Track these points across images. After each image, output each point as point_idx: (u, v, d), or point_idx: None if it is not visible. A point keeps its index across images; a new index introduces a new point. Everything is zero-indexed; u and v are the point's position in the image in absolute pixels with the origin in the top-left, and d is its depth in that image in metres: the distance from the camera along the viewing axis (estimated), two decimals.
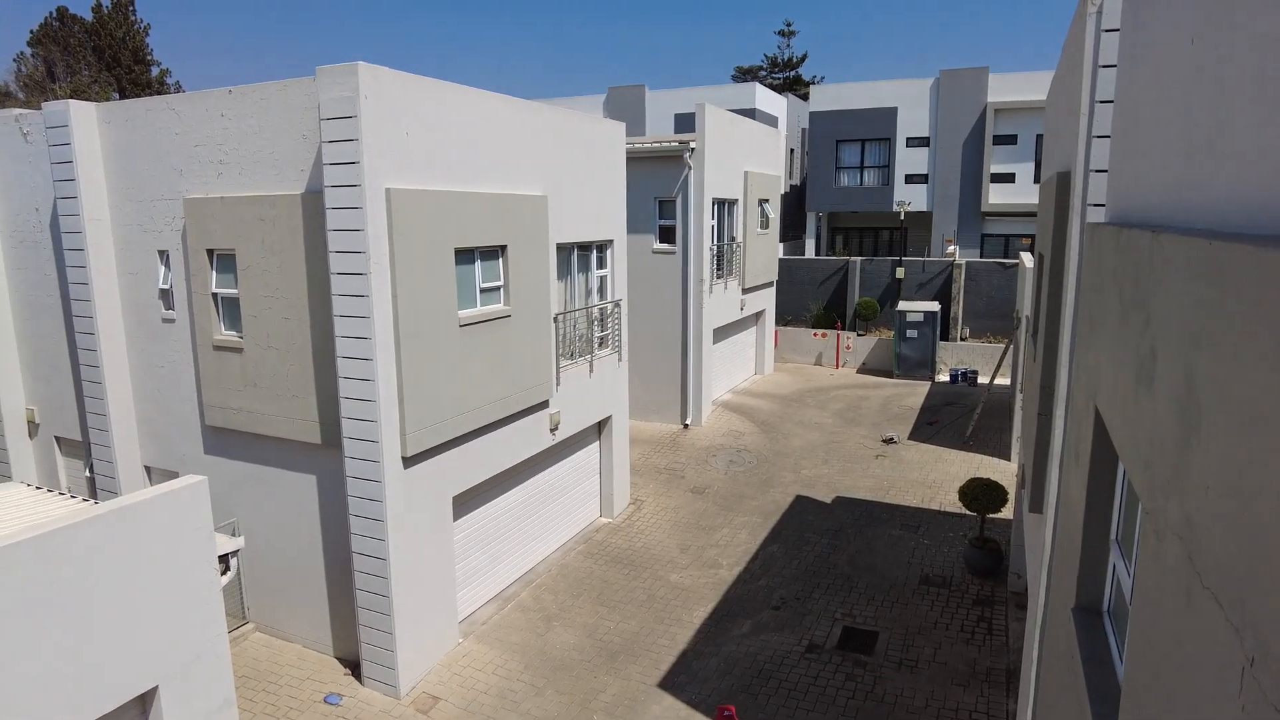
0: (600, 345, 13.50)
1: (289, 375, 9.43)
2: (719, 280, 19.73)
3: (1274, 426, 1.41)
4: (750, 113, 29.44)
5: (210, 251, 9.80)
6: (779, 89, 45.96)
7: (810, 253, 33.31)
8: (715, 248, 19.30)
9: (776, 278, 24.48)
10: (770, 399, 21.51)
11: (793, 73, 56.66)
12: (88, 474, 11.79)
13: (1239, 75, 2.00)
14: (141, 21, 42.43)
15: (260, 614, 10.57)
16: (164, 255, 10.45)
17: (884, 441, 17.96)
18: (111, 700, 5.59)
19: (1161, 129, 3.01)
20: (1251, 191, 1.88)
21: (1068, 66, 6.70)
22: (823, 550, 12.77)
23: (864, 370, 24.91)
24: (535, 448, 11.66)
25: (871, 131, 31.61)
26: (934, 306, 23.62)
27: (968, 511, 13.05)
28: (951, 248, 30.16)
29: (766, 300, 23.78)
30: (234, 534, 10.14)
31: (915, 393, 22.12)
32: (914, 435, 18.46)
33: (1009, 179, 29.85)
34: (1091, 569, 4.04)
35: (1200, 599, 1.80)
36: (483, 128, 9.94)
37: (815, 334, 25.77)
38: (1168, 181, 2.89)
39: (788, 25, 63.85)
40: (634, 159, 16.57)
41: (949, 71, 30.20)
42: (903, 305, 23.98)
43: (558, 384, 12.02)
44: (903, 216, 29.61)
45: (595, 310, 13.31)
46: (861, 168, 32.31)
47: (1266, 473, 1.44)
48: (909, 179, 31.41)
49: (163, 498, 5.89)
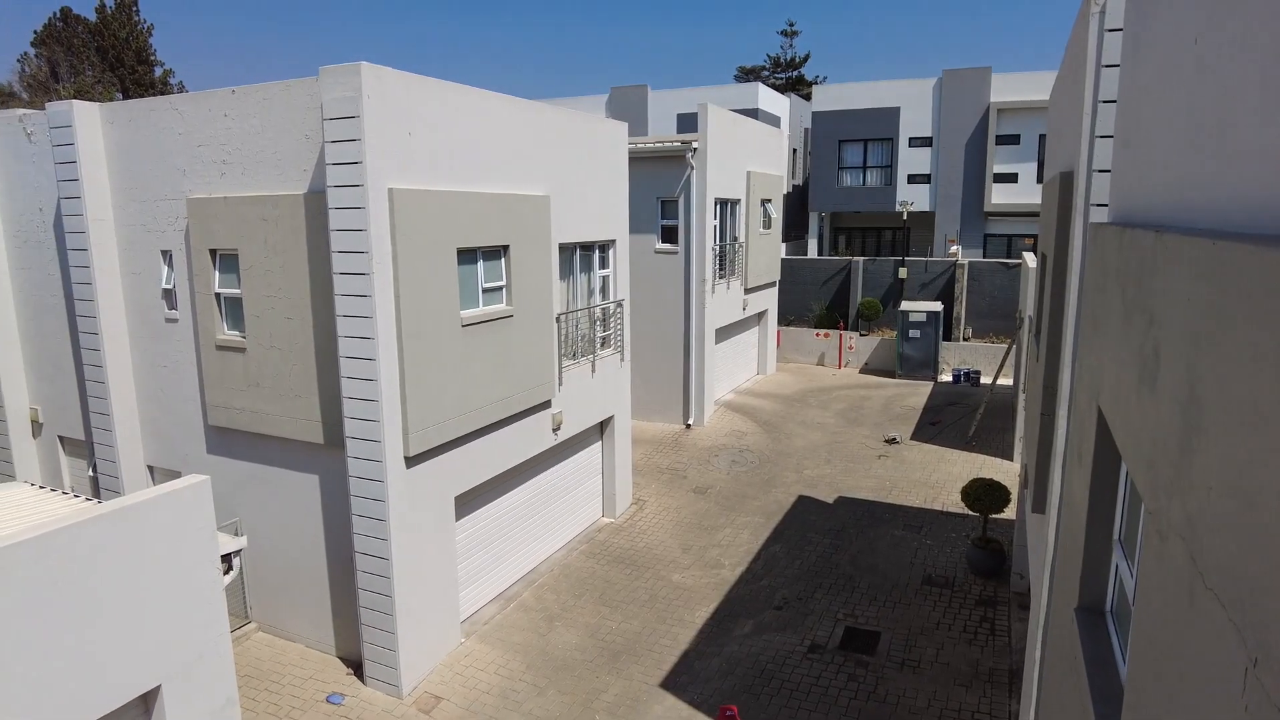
0: (602, 345, 13.50)
1: (292, 375, 9.45)
2: (721, 280, 19.73)
3: (1276, 427, 1.41)
4: (753, 113, 29.43)
5: (213, 251, 9.82)
6: (782, 89, 45.93)
7: (813, 253, 33.29)
8: (718, 248, 19.29)
9: (779, 278, 24.48)
10: (772, 399, 21.50)
11: (795, 73, 56.63)
12: (91, 473, 11.81)
13: (1242, 75, 2.00)
14: (145, 22, 42.52)
15: (263, 613, 10.58)
16: (167, 255, 10.47)
17: (886, 442, 17.94)
18: (115, 699, 5.61)
19: (1165, 129, 3.01)
20: (1255, 191, 1.87)
21: (1070, 66, 6.69)
22: (825, 550, 12.76)
23: (866, 370, 24.89)
24: (537, 448, 11.66)
25: (874, 131, 31.58)
26: (937, 306, 23.60)
27: (970, 512, 13.04)
28: (954, 248, 30.13)
29: (769, 300, 23.78)
30: (237, 533, 10.15)
31: (918, 393, 22.10)
32: (916, 435, 18.45)
33: (1012, 179, 29.82)
34: (1094, 569, 4.04)
35: (1203, 599, 1.80)
36: (485, 128, 9.94)
37: (818, 334, 25.76)
38: (1171, 181, 2.88)
39: (790, 25, 64.07)
40: (636, 159, 16.57)
41: (951, 71, 30.17)
42: (905, 305, 23.96)
43: (560, 384, 12.02)
44: (905, 216, 29.58)
45: (598, 310, 13.31)
46: (864, 168, 32.29)
47: (1269, 473, 1.44)
48: (911, 179, 31.39)
49: (165, 497, 5.91)
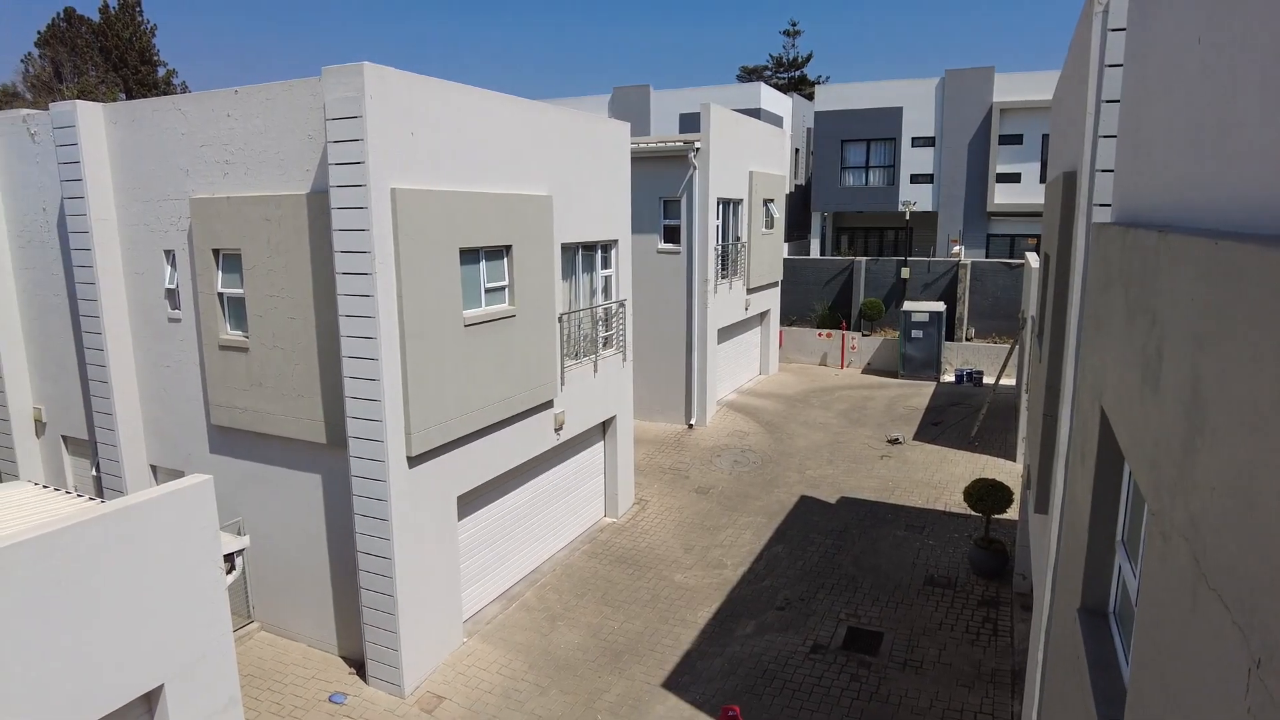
0: (605, 345, 13.50)
1: (294, 375, 9.46)
2: (724, 280, 19.72)
3: (1279, 427, 1.40)
4: (755, 113, 29.42)
5: (216, 251, 9.83)
6: (784, 89, 45.89)
7: (815, 253, 33.27)
8: (720, 248, 19.28)
9: (781, 278, 24.47)
10: (775, 399, 21.49)
11: (798, 72, 56.62)
12: (94, 473, 11.83)
13: (1246, 74, 1.99)
14: (148, 22, 42.64)
15: (265, 613, 10.60)
16: (170, 255, 10.48)
17: (889, 442, 17.92)
18: (117, 698, 5.61)
19: (1168, 128, 3.00)
20: (1258, 191, 1.87)
21: (1074, 66, 6.68)
22: (827, 551, 12.75)
23: (869, 370, 24.87)
24: (540, 447, 11.67)
25: (877, 131, 31.56)
26: (939, 307, 23.58)
27: (973, 512, 13.02)
28: (957, 248, 30.10)
29: (771, 300, 23.77)
30: (239, 533, 10.16)
31: (920, 393, 22.08)
32: (919, 436, 18.43)
33: (1014, 179, 29.78)
34: (1097, 570, 4.03)
35: (1206, 600, 1.79)
36: (488, 128, 9.94)
37: (820, 334, 25.74)
38: (1174, 181, 2.88)
39: (793, 25, 64.04)
40: (639, 159, 16.58)
41: (954, 71, 30.13)
42: (908, 305, 23.94)
43: (562, 384, 12.02)
44: (908, 216, 29.55)
45: (600, 310, 13.31)
46: (866, 168, 32.26)
47: (1272, 473, 1.43)
48: (914, 179, 31.36)
49: (168, 497, 5.91)
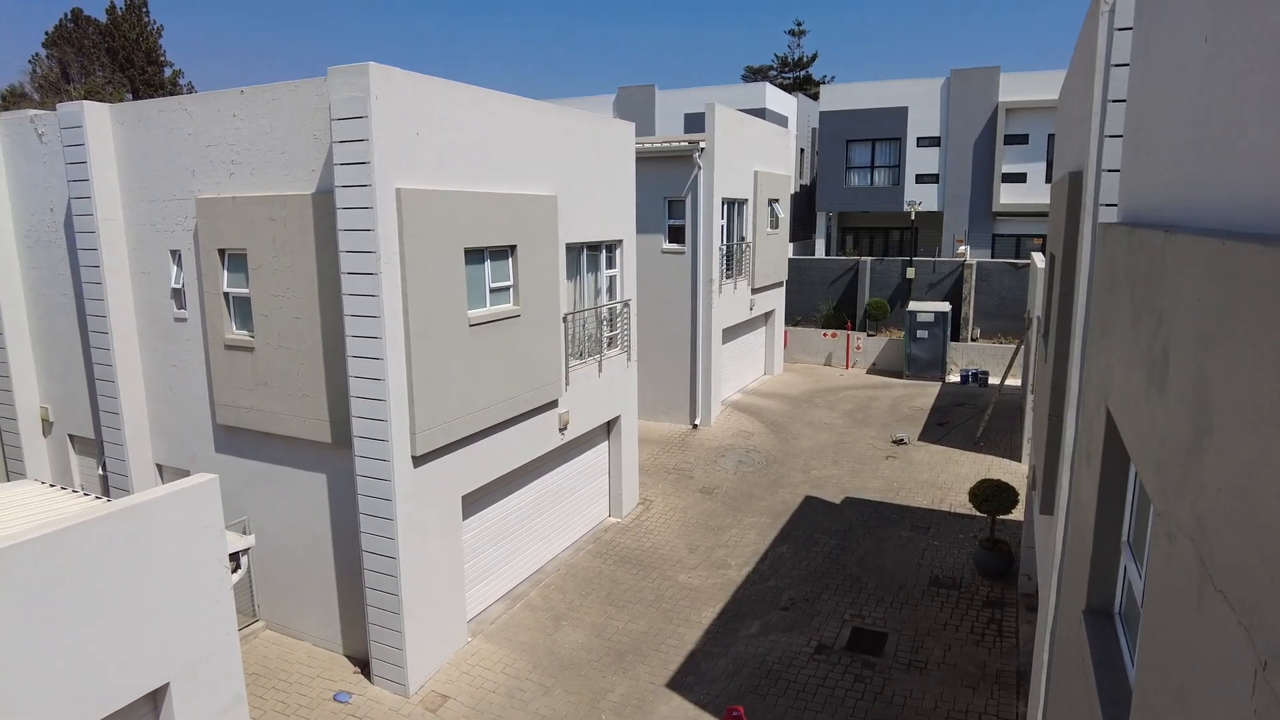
0: (609, 345, 13.50)
1: (300, 374, 9.48)
2: (728, 280, 19.71)
3: None
4: (760, 112, 29.40)
5: (222, 251, 9.86)
6: (789, 89, 45.86)
7: (820, 253, 33.23)
8: (725, 248, 19.27)
9: (786, 278, 24.44)
10: (780, 399, 21.47)
11: (803, 72, 56.58)
12: (100, 472, 11.88)
13: (1252, 74, 1.98)
14: (154, 23, 42.74)
15: (270, 612, 10.62)
16: (176, 255, 10.52)
17: (894, 442, 17.89)
18: (123, 697, 5.63)
19: (1174, 128, 2.99)
20: (1265, 191, 1.86)
21: (1080, 65, 6.66)
22: (832, 551, 12.73)
23: (874, 371, 24.82)
24: (544, 447, 11.67)
25: (882, 131, 31.51)
26: (944, 307, 23.53)
27: (978, 513, 13.00)
28: (962, 248, 30.03)
29: (776, 300, 23.75)
30: (244, 532, 10.20)
31: (925, 393, 22.04)
32: (924, 436, 18.39)
33: (1020, 179, 29.70)
34: (1103, 571, 4.02)
35: (1212, 602, 1.79)
36: (493, 128, 9.96)
37: (825, 334, 25.71)
38: (1180, 181, 2.87)
39: (798, 25, 63.91)
40: (643, 159, 16.55)
41: (960, 71, 30.07)
42: (913, 305, 23.90)
43: (567, 384, 12.03)
44: (913, 216, 29.49)
45: (604, 310, 13.31)
46: (872, 167, 32.21)
47: (1278, 474, 1.43)
48: (919, 179, 31.30)
49: (174, 496, 5.93)
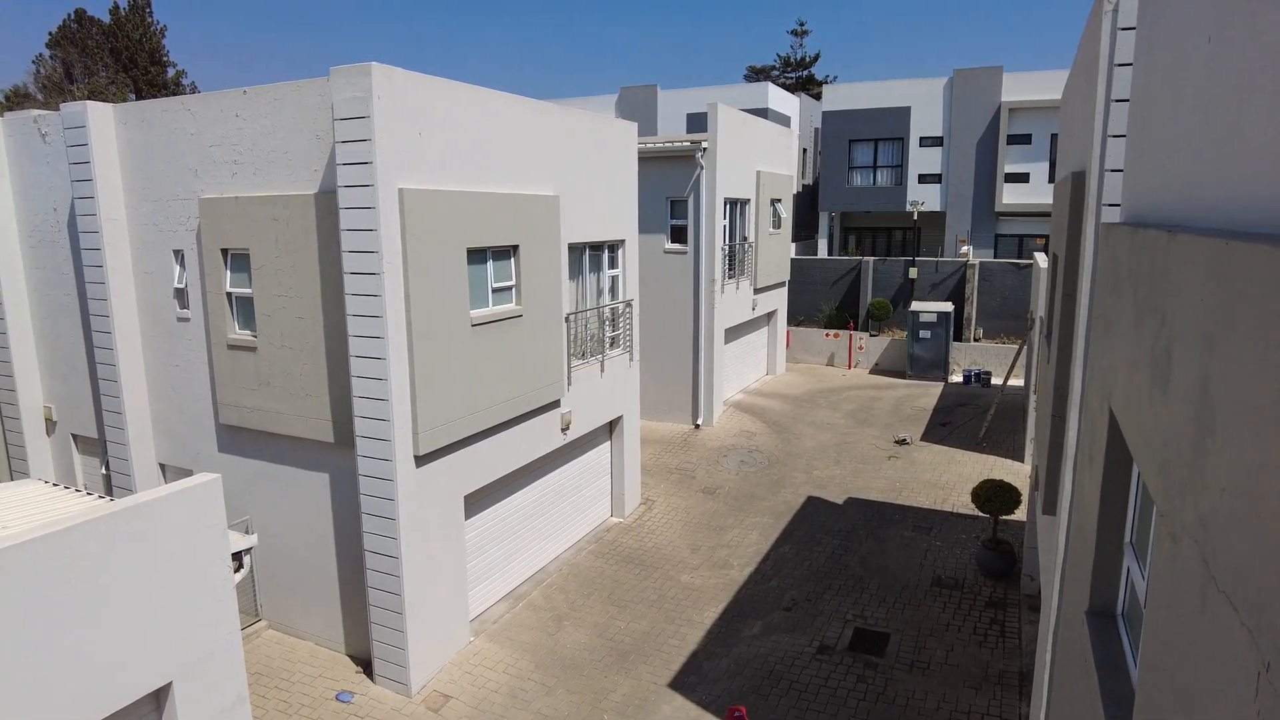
0: (611, 345, 13.50)
1: (302, 374, 9.49)
2: (731, 280, 19.70)
3: None
4: (763, 112, 29.40)
5: (225, 251, 9.88)
6: (792, 88, 45.85)
7: (823, 253, 33.21)
8: (727, 248, 19.27)
9: (788, 278, 24.42)
10: (782, 399, 21.46)
11: (805, 72, 56.54)
12: (104, 471, 11.90)
13: (1255, 73, 1.98)
14: (158, 23, 42.81)
15: (273, 611, 10.64)
16: (179, 255, 10.54)
17: (896, 443, 17.88)
18: (126, 696, 5.64)
19: (1177, 128, 2.98)
20: (1268, 191, 1.86)
21: (1083, 65, 6.65)
22: (834, 551, 12.73)
23: (876, 371, 24.80)
24: (546, 447, 11.68)
25: (885, 131, 31.48)
26: (947, 307, 23.50)
27: (980, 513, 12.98)
28: (965, 248, 29.99)
29: (778, 300, 23.73)
30: (247, 531, 10.22)
31: (928, 394, 22.02)
32: (927, 436, 18.37)
33: (1023, 179, 29.66)
34: (1105, 572, 4.01)
35: (1215, 602, 1.78)
36: (495, 128, 9.96)
37: (827, 334, 25.69)
38: (1183, 181, 2.86)
39: (801, 25, 63.87)
40: (646, 159, 16.55)
41: (963, 71, 30.03)
42: (916, 305, 23.88)
43: (569, 384, 12.03)
44: (916, 216, 29.44)
45: (607, 310, 13.31)
46: (874, 167, 32.18)
47: None
48: (922, 179, 31.27)
49: (177, 495, 5.94)
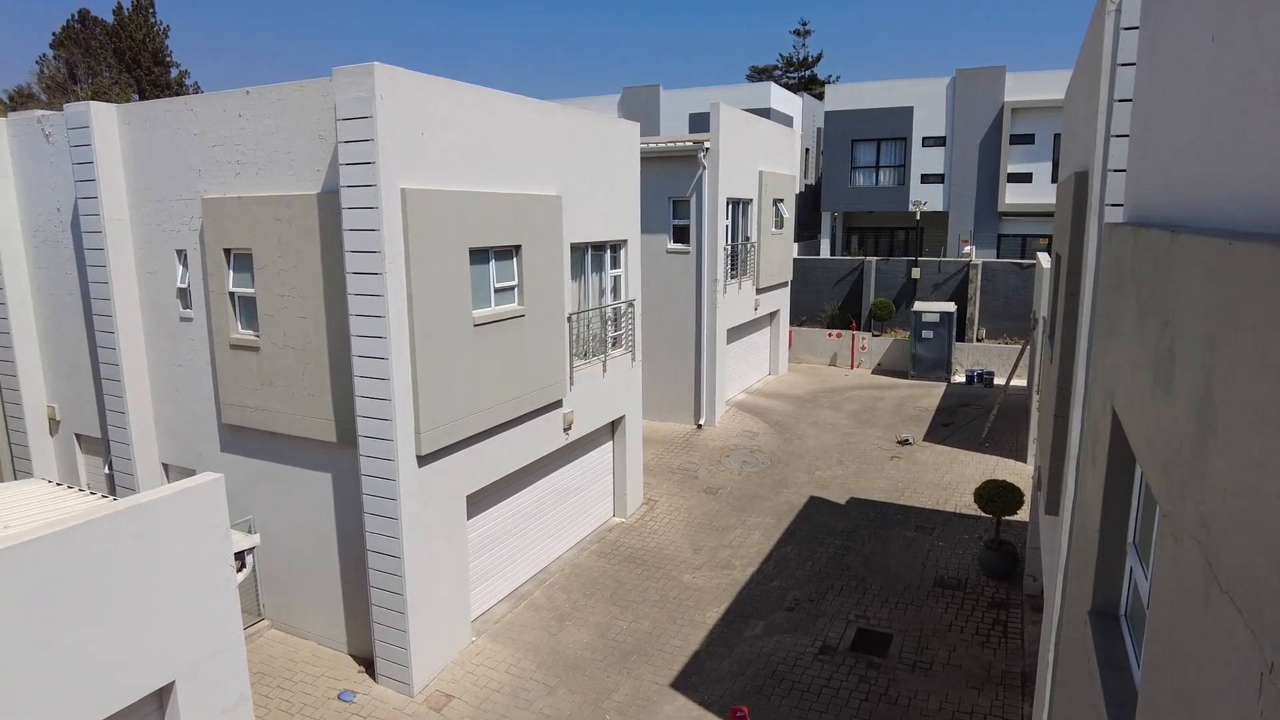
0: (614, 345, 13.50)
1: (305, 374, 9.50)
2: (733, 280, 19.70)
3: None
4: (765, 112, 29.38)
5: (227, 251, 9.89)
6: (794, 88, 45.83)
7: (825, 253, 33.19)
8: (729, 248, 19.26)
9: (791, 278, 24.41)
10: (784, 399, 21.45)
11: (808, 72, 56.50)
12: (106, 471, 11.92)
13: (1259, 73, 1.97)
14: (161, 23, 42.90)
15: (275, 611, 10.65)
16: (182, 254, 10.55)
17: (899, 443, 17.86)
18: (129, 695, 5.65)
19: (1181, 128, 2.98)
20: (1271, 191, 1.85)
21: (1086, 65, 6.64)
22: (836, 552, 12.72)
23: (879, 371, 24.79)
24: (548, 447, 11.68)
25: (887, 131, 31.45)
26: (950, 307, 23.48)
27: (983, 513, 12.96)
28: (968, 248, 29.96)
29: (781, 300, 23.72)
30: (250, 531, 10.24)
31: (930, 394, 21.99)
32: (929, 436, 18.35)
33: (1026, 179, 29.62)
34: (1108, 572, 4.01)
35: (1218, 603, 1.78)
36: (497, 128, 9.97)
37: (830, 334, 25.68)
38: (1187, 181, 2.86)
39: (803, 24, 63.85)
40: (648, 159, 16.57)
41: (965, 71, 29.99)
42: (918, 306, 23.86)
43: (571, 384, 12.03)
44: (918, 216, 29.44)
45: (609, 310, 13.31)
46: (877, 167, 32.15)
47: None
48: (925, 179, 31.23)
49: (180, 495, 5.95)
